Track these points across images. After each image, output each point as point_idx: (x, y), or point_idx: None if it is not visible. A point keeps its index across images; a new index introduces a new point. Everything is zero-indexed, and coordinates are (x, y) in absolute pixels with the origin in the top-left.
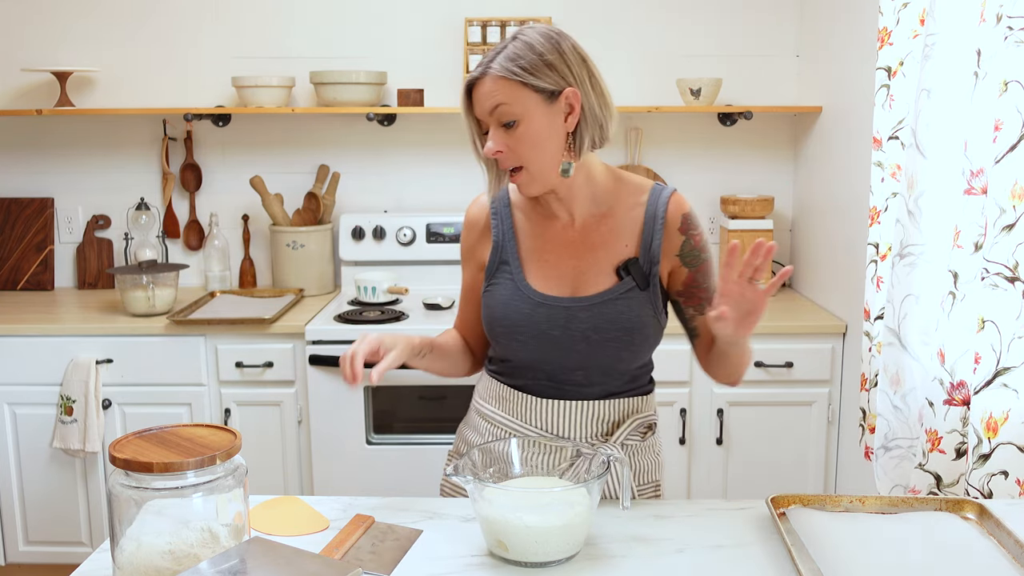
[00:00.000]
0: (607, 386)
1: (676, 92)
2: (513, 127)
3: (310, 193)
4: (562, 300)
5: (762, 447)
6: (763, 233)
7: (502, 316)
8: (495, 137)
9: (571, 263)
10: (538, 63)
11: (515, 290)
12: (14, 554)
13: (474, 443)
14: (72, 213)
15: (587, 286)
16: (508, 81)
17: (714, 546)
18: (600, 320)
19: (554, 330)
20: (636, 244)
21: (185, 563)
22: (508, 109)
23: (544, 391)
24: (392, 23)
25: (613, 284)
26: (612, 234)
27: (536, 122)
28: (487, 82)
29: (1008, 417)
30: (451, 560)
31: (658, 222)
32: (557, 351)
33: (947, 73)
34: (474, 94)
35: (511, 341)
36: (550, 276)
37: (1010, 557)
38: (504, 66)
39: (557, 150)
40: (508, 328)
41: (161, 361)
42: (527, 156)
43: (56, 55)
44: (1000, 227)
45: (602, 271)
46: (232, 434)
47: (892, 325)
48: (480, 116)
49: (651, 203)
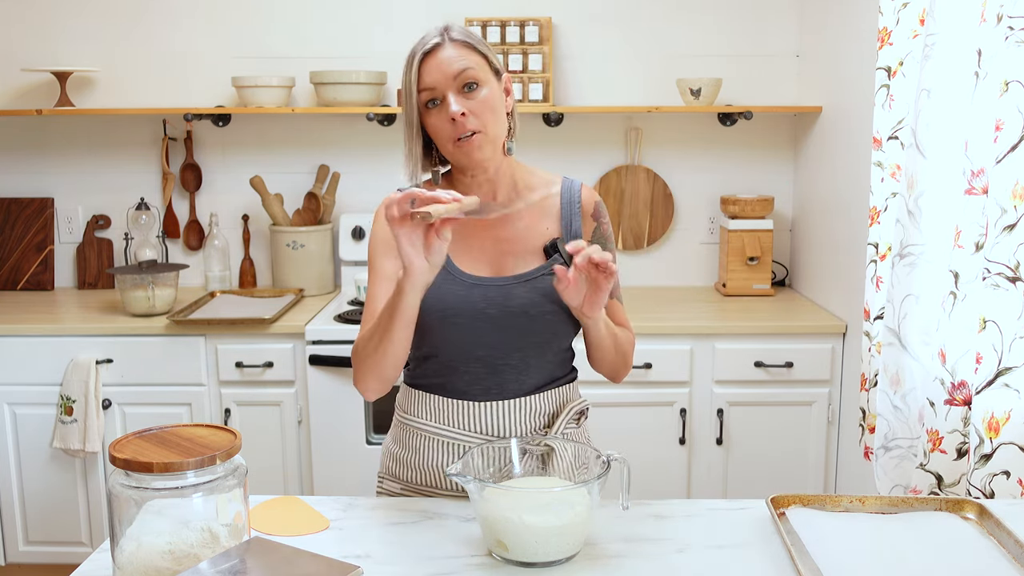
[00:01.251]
0: (541, 372)
1: (676, 92)
2: (475, 90)
3: (310, 193)
4: (495, 279)
5: (762, 447)
6: (763, 233)
7: (436, 300)
8: (457, 100)
9: (496, 246)
10: (484, 43)
11: (446, 274)
12: (14, 554)
13: (404, 459)
14: (72, 213)
15: (515, 266)
16: (470, 47)
17: (714, 546)
18: (536, 295)
19: (491, 308)
20: (556, 226)
21: (185, 563)
22: (473, 72)
23: (479, 387)
24: (392, 23)
25: (542, 262)
26: (533, 217)
27: (494, 89)
28: (450, 46)
29: (1010, 417)
30: (451, 560)
31: (575, 207)
32: (495, 331)
33: (947, 73)
34: (430, 63)
35: (447, 326)
36: (477, 259)
37: (1010, 557)
38: (465, 35)
39: (504, 123)
40: (443, 312)
41: (161, 361)
42: (487, 119)
43: (56, 55)
44: (1001, 227)
45: (527, 251)
46: (232, 434)
47: (892, 325)
48: (436, 82)
49: (565, 190)
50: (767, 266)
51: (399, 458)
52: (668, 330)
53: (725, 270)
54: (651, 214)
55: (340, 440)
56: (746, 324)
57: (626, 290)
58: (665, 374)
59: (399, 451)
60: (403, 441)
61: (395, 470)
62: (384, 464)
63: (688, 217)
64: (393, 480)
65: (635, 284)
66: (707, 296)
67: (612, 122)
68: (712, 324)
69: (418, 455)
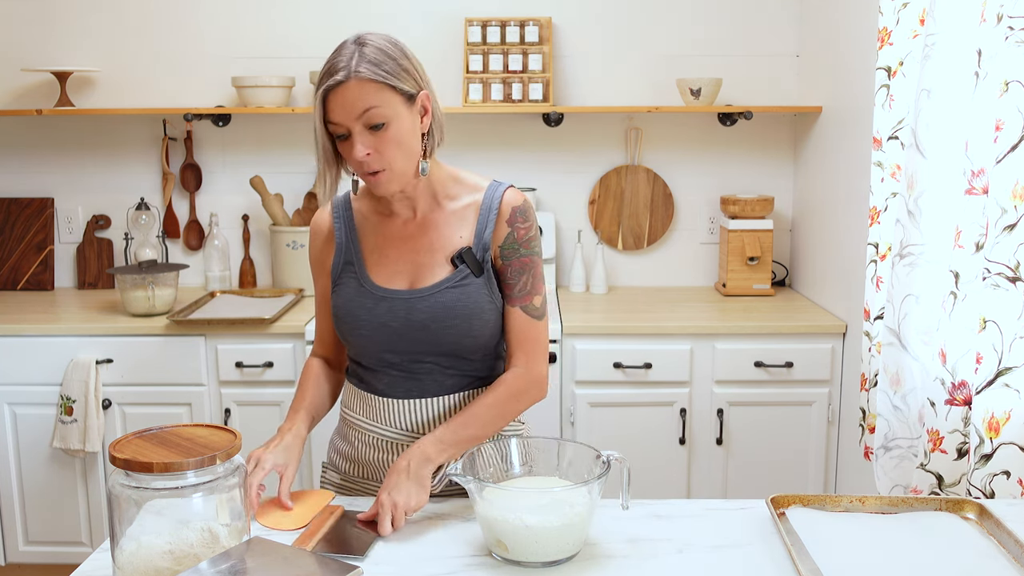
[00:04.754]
0: (461, 374)
1: (676, 92)
2: (381, 129)
3: (310, 193)
4: (401, 293)
5: (762, 447)
6: (763, 233)
7: (346, 313)
8: (362, 140)
9: (410, 257)
10: (397, 67)
11: (358, 287)
12: (14, 554)
13: (343, 452)
14: (72, 213)
15: (425, 278)
16: (377, 84)
17: (714, 546)
18: (437, 308)
19: (394, 321)
20: (471, 235)
21: (185, 563)
22: (379, 112)
23: (400, 388)
24: (392, 23)
25: (449, 273)
26: (449, 227)
27: (402, 123)
28: (354, 86)
29: (1010, 417)
30: (451, 560)
31: (492, 213)
32: (401, 342)
33: (947, 73)
34: (335, 99)
35: (357, 337)
36: (392, 271)
37: (1010, 557)
38: (371, 70)
39: (416, 150)
40: (351, 324)
41: (161, 361)
42: (392, 157)
43: (56, 55)
44: (1001, 227)
45: (438, 263)
46: (232, 434)
47: (892, 325)
48: (342, 120)
49: (487, 196)
50: (767, 266)
51: (339, 450)
52: (668, 330)
53: (725, 270)
54: (651, 214)
55: None
56: (746, 324)
57: (626, 290)
58: (665, 374)
59: (339, 443)
60: (343, 434)
61: (336, 462)
62: (328, 455)
63: (688, 217)
64: (334, 471)
65: (635, 284)
66: (707, 296)
67: (612, 122)
68: (712, 324)
69: (353, 449)
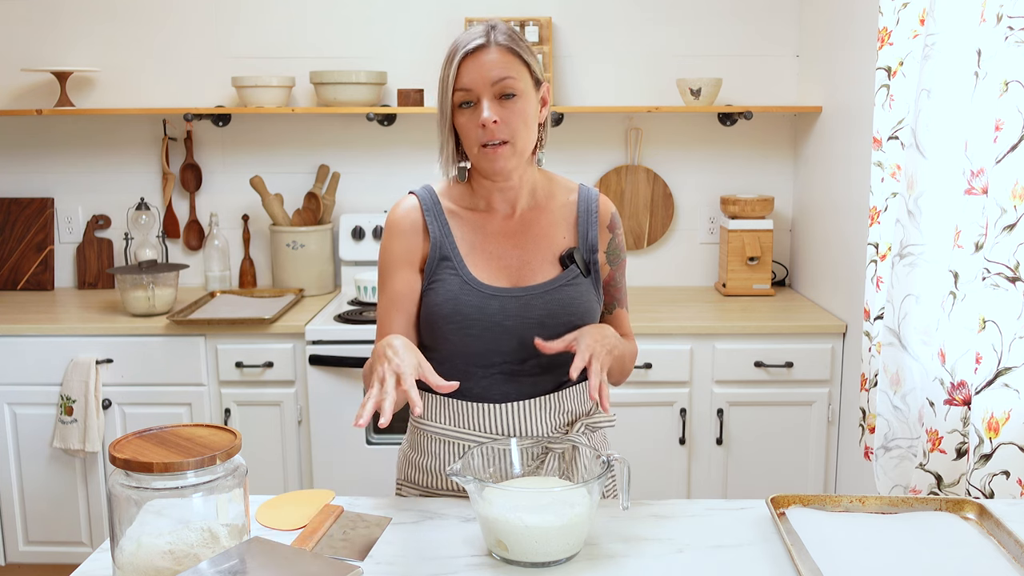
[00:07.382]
0: (560, 373)
1: (676, 92)
2: (511, 100)
3: (310, 193)
4: (513, 291)
5: (762, 447)
6: (763, 233)
7: (452, 311)
8: (492, 108)
9: (514, 254)
10: (529, 49)
11: (462, 284)
12: (14, 554)
13: (424, 465)
14: (72, 213)
15: (531, 276)
16: (515, 56)
17: (714, 546)
18: (554, 306)
19: (508, 320)
20: (573, 235)
21: (185, 563)
22: (513, 83)
23: (498, 391)
24: (392, 23)
25: (559, 273)
26: (551, 226)
27: (529, 102)
28: (495, 51)
29: (1009, 417)
30: (451, 560)
31: (592, 216)
32: (512, 341)
33: (947, 73)
34: (471, 63)
35: (463, 336)
36: (494, 268)
37: (1010, 557)
38: (511, 41)
39: (534, 135)
40: (459, 323)
41: (161, 361)
42: (517, 130)
43: (56, 55)
44: (1001, 227)
45: (545, 260)
46: (232, 434)
47: (892, 325)
48: (474, 86)
49: (582, 199)
50: (767, 266)
51: (416, 464)
52: (668, 330)
53: (725, 270)
54: (651, 214)
55: (340, 440)
56: (746, 324)
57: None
58: (665, 374)
59: (416, 456)
60: (419, 446)
61: (413, 476)
62: (402, 470)
63: (688, 217)
64: (412, 486)
65: (635, 284)
66: (707, 296)
67: (612, 122)
68: (712, 324)
69: (436, 460)
